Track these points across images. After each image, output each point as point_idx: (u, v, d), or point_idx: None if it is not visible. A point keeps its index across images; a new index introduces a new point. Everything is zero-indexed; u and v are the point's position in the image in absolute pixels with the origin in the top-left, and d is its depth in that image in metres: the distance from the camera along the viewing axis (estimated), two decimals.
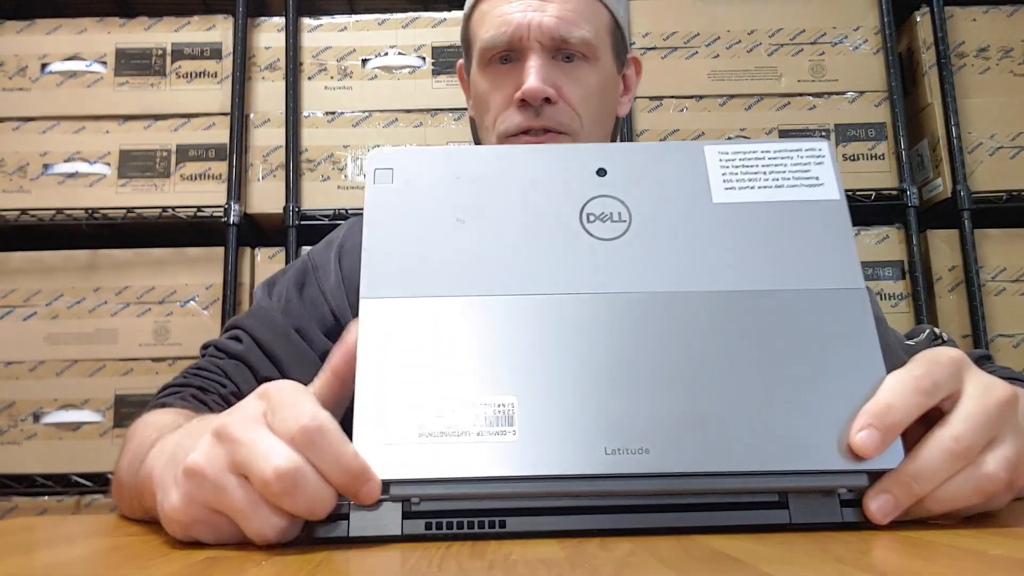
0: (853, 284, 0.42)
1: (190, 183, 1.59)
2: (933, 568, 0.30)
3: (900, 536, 0.37)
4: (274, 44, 1.66)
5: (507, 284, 0.42)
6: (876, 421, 0.38)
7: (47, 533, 0.49)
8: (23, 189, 1.58)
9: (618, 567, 0.31)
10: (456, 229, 0.44)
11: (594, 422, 0.38)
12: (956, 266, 1.56)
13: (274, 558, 0.35)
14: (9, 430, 1.49)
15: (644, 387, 0.39)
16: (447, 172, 0.46)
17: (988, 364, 0.70)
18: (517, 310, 0.41)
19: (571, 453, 0.38)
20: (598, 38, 0.77)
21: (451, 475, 0.38)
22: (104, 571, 0.36)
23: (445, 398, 0.39)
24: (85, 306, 1.54)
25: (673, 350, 0.40)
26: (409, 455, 0.38)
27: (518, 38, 0.75)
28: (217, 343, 0.74)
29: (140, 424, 0.62)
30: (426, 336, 0.41)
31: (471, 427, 0.38)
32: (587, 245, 0.43)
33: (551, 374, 0.40)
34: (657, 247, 0.43)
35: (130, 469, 0.53)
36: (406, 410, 0.39)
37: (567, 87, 0.75)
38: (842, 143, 1.60)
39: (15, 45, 1.63)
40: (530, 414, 0.39)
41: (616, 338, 0.41)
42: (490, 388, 0.39)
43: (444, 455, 0.38)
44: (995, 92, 1.62)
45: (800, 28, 1.64)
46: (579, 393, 0.39)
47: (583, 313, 0.41)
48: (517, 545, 0.37)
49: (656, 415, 0.39)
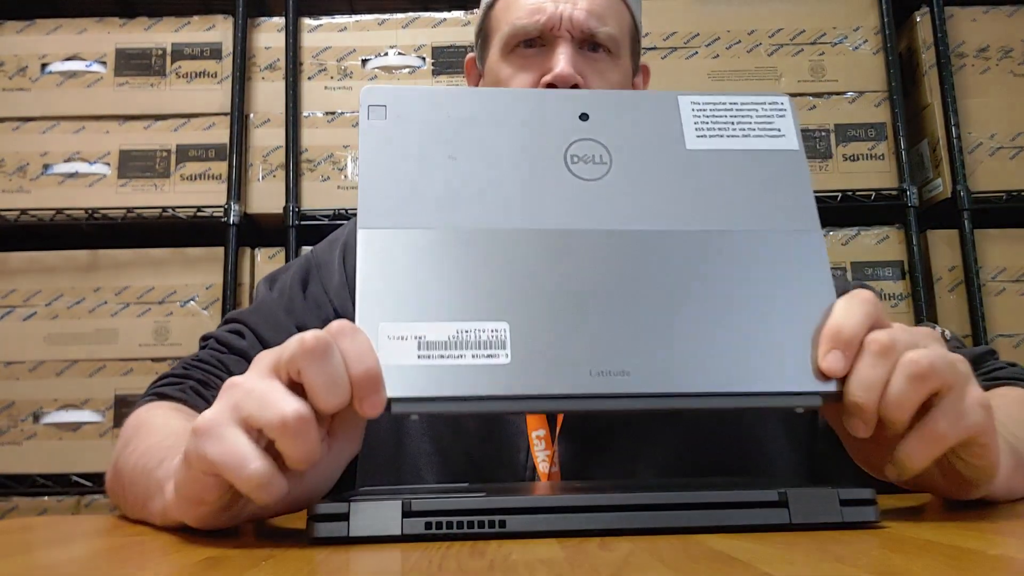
0: (809, 227, 0.46)
1: (190, 183, 1.59)
2: (933, 568, 0.30)
3: (900, 536, 0.37)
4: (274, 44, 1.66)
5: (498, 218, 0.45)
6: (837, 343, 0.41)
7: (47, 533, 0.49)
8: (23, 189, 1.58)
9: (618, 567, 0.31)
10: (447, 165, 0.46)
11: (580, 347, 0.41)
12: (956, 266, 1.56)
13: (274, 558, 0.35)
14: (9, 430, 1.49)
15: (624, 315, 0.42)
16: (439, 111, 0.47)
17: (991, 360, 0.70)
18: (507, 242, 0.44)
19: (559, 375, 0.41)
20: (621, 37, 0.79)
21: (449, 394, 0.39)
22: (104, 571, 0.36)
23: (441, 322, 0.41)
24: (85, 306, 1.54)
25: (650, 282, 0.44)
26: (409, 375, 0.39)
27: (550, 27, 0.76)
28: (218, 336, 0.73)
29: (145, 419, 0.61)
30: (421, 265, 0.43)
31: (466, 350, 0.40)
32: (571, 184, 0.46)
33: (540, 302, 0.42)
34: (635, 189, 0.46)
35: (141, 468, 0.52)
36: (404, 334, 0.41)
37: (591, 77, 0.76)
38: (842, 143, 1.60)
39: (15, 45, 1.63)
40: (521, 339, 0.41)
41: (599, 270, 0.44)
42: (483, 314, 0.42)
43: (442, 376, 0.40)
44: (995, 92, 1.62)
45: (800, 28, 1.64)
46: (566, 320, 0.42)
47: (568, 246, 0.44)
48: (517, 545, 0.37)
49: (635, 341, 0.42)
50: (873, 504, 0.40)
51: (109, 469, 0.60)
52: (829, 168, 1.59)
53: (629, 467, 0.69)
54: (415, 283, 0.42)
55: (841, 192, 1.57)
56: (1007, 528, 0.40)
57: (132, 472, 0.53)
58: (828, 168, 1.59)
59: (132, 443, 0.57)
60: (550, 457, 0.68)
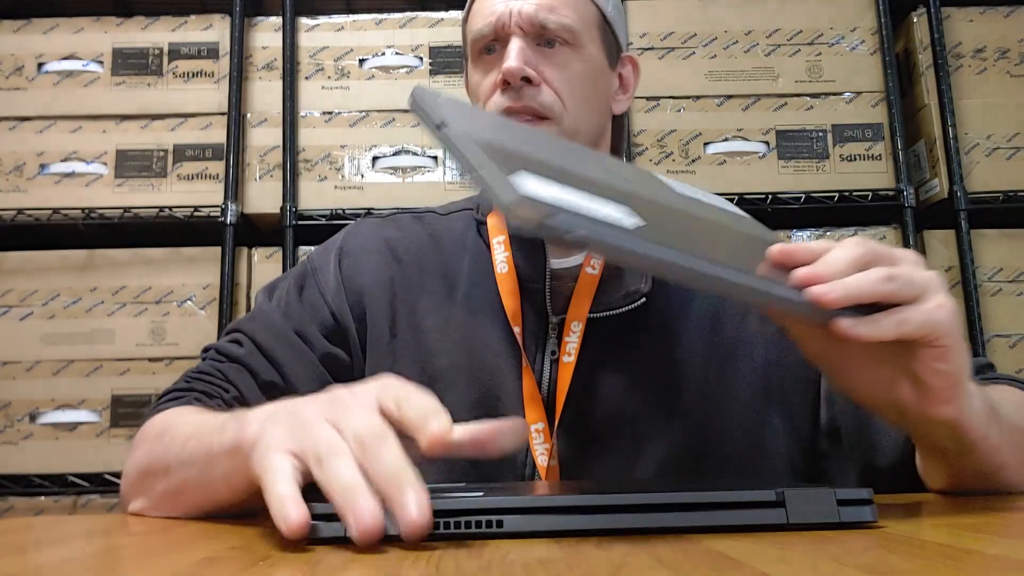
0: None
1: (187, 183, 1.59)
2: (932, 568, 0.30)
3: (898, 536, 0.37)
4: (271, 44, 1.66)
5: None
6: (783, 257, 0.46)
7: (44, 533, 0.49)
8: (19, 189, 1.58)
9: (615, 567, 0.31)
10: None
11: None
12: (953, 266, 1.56)
13: (273, 558, 0.35)
14: (5, 430, 1.49)
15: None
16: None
17: (991, 372, 0.70)
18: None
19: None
20: (582, 26, 0.78)
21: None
22: (103, 571, 0.36)
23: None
24: (82, 306, 1.53)
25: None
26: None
27: (500, 26, 0.76)
28: (218, 347, 0.74)
29: (170, 417, 0.63)
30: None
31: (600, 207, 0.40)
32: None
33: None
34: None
35: (194, 444, 0.53)
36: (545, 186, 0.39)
37: (549, 71, 0.75)
38: (839, 143, 1.60)
39: (12, 44, 1.63)
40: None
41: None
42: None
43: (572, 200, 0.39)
44: (992, 93, 1.62)
45: (797, 28, 1.64)
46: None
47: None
48: (515, 545, 0.37)
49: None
50: (870, 504, 0.40)
51: (132, 469, 0.61)
52: (826, 168, 1.59)
53: (628, 463, 0.69)
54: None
55: (838, 192, 1.57)
56: (1006, 528, 0.40)
57: (180, 451, 0.55)
58: (825, 168, 1.59)
59: (168, 434, 0.58)
60: (549, 451, 0.68)
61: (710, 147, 1.60)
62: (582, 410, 0.70)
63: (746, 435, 0.70)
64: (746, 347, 0.73)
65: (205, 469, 0.51)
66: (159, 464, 0.57)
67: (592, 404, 0.70)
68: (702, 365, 0.72)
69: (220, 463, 0.49)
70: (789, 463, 0.71)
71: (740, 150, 1.60)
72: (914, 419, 0.50)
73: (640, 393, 0.70)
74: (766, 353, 0.73)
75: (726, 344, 0.73)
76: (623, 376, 0.71)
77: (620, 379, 0.71)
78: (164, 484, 0.56)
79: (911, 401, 0.48)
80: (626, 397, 0.70)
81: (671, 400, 0.70)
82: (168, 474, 0.55)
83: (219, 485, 0.50)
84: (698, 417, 0.70)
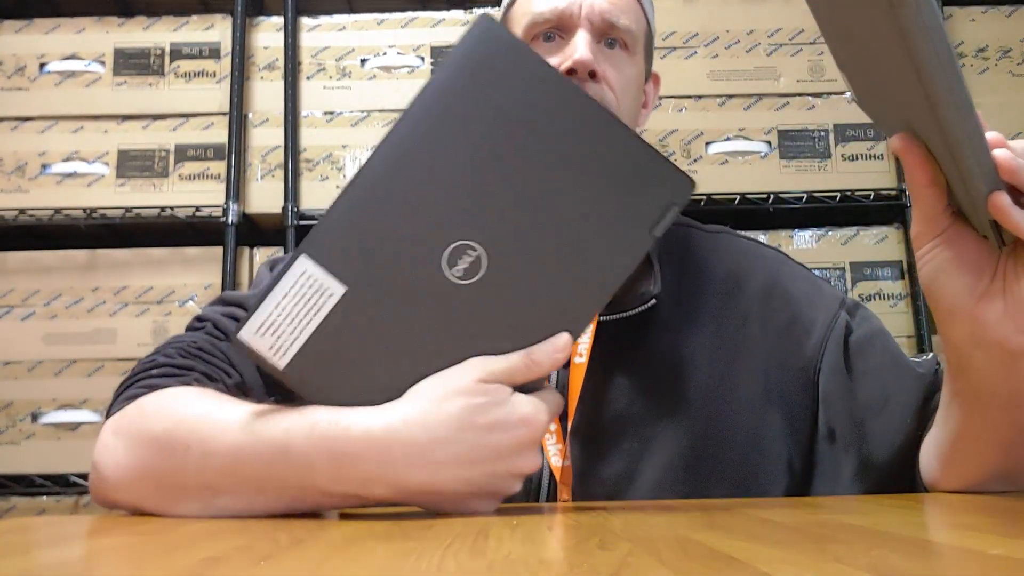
0: None
1: (189, 183, 1.59)
2: (933, 568, 0.30)
3: (900, 536, 0.37)
4: (273, 44, 1.66)
5: None
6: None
7: (45, 533, 0.49)
8: (21, 189, 1.58)
9: (617, 567, 0.31)
10: None
11: None
12: None
13: (274, 558, 0.35)
14: (7, 430, 1.49)
15: None
16: None
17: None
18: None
19: None
20: (639, 34, 0.78)
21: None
22: (103, 571, 0.36)
23: None
24: (83, 306, 1.54)
25: None
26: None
27: (569, 15, 0.75)
28: (216, 321, 0.69)
29: (176, 393, 0.58)
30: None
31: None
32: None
33: None
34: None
35: (238, 476, 0.51)
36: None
37: (609, 71, 0.75)
38: (841, 143, 1.60)
39: (13, 44, 1.63)
40: None
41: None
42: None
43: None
44: (994, 92, 1.62)
45: (799, 28, 1.64)
46: None
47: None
48: (516, 545, 0.37)
49: None
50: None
51: (131, 469, 0.55)
52: (828, 168, 1.59)
53: (633, 465, 0.69)
54: None
55: (840, 192, 1.57)
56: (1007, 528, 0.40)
57: (229, 477, 0.52)
58: (827, 168, 1.59)
59: (193, 442, 0.53)
60: (562, 451, 0.68)
61: (712, 147, 1.60)
62: (592, 411, 0.70)
63: (747, 437, 0.70)
64: (748, 349, 0.73)
65: (276, 500, 0.52)
66: (186, 480, 0.53)
67: (601, 405, 0.70)
68: (707, 367, 0.72)
69: (315, 500, 0.52)
70: (787, 464, 0.71)
71: (742, 150, 1.60)
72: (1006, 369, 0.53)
73: (647, 394, 0.71)
74: (768, 356, 0.73)
75: (729, 346, 0.73)
76: (631, 377, 0.71)
77: (628, 380, 0.71)
78: (197, 507, 0.53)
79: (1009, 330, 0.52)
80: (634, 398, 0.70)
81: (677, 402, 0.71)
82: (201, 496, 0.52)
83: (286, 509, 0.52)
84: (702, 419, 0.70)
